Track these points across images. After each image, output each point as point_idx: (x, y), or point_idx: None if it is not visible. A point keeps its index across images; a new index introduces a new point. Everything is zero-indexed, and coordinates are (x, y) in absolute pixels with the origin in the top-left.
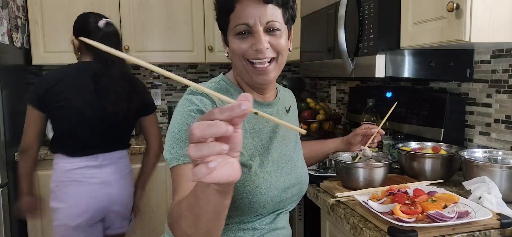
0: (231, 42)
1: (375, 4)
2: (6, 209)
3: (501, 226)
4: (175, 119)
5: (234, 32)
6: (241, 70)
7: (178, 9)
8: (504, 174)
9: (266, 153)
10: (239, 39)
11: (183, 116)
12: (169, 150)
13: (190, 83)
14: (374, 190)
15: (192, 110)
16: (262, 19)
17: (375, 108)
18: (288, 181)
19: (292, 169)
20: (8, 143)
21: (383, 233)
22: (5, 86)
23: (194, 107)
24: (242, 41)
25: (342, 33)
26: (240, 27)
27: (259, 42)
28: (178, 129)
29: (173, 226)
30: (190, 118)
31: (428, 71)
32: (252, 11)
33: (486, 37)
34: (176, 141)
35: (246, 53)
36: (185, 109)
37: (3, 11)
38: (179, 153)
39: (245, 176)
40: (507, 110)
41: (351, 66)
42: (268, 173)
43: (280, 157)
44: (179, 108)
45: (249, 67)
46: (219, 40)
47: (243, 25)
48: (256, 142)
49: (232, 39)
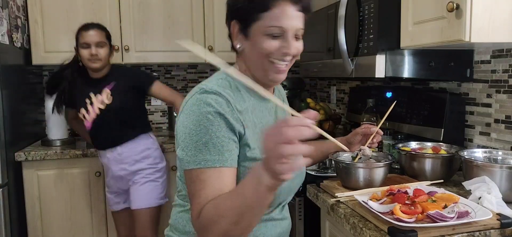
0: (258, 39)
1: (375, 4)
2: (6, 209)
3: (501, 226)
4: (190, 120)
5: (265, 31)
6: (257, 66)
7: (178, 9)
8: (504, 174)
9: None
10: (269, 39)
11: (201, 119)
12: (186, 151)
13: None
14: (374, 190)
15: (210, 112)
16: (294, 26)
17: (375, 108)
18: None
19: None
20: (8, 143)
21: (383, 233)
22: (5, 86)
23: (211, 109)
24: (272, 41)
25: (342, 33)
26: (273, 29)
27: (289, 47)
28: (196, 132)
29: (207, 227)
30: (208, 121)
31: (428, 71)
32: (288, 17)
33: (486, 37)
34: (194, 143)
35: (272, 54)
36: (202, 111)
37: (3, 11)
38: (200, 157)
39: None
40: (507, 110)
41: (351, 66)
42: None
43: None
44: (193, 108)
45: (269, 65)
46: (219, 40)
47: (277, 28)
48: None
49: (260, 36)
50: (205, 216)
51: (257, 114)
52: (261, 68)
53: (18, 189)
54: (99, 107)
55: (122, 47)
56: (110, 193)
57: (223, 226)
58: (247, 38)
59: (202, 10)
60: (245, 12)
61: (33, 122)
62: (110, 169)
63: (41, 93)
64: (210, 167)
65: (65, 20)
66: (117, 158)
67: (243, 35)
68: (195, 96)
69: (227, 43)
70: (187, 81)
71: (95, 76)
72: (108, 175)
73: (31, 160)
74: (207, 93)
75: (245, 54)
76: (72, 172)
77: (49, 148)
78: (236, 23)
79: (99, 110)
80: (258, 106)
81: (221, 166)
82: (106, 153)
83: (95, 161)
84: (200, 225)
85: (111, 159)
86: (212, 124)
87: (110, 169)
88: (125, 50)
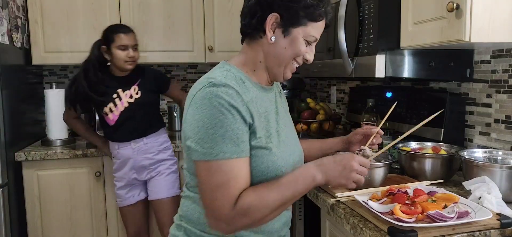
0: (297, 41)
1: (375, 4)
2: (6, 209)
3: (501, 226)
4: (203, 113)
5: (305, 37)
6: (280, 61)
7: (178, 9)
8: (504, 174)
9: (277, 133)
10: (305, 44)
11: (214, 112)
12: (201, 144)
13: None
14: (374, 190)
15: (223, 105)
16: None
17: (375, 108)
18: (295, 158)
19: (296, 147)
20: (8, 143)
21: (383, 233)
22: (5, 86)
23: (224, 101)
24: (304, 47)
25: (342, 33)
26: (311, 38)
27: (312, 54)
28: (212, 125)
29: (246, 214)
30: (222, 114)
31: (428, 71)
32: (321, 31)
33: (486, 37)
34: (210, 136)
35: (298, 57)
36: (214, 104)
37: (3, 11)
38: (218, 149)
39: (267, 158)
40: (507, 110)
41: (351, 66)
42: (283, 151)
43: (286, 136)
44: (204, 101)
45: (289, 65)
46: (219, 40)
47: (314, 37)
48: (269, 124)
49: (300, 39)
50: (246, 205)
51: (260, 104)
52: (284, 64)
53: (18, 189)
54: (128, 101)
55: None
56: (122, 188)
57: (264, 212)
58: (286, 35)
59: (202, 10)
60: (296, 15)
61: (33, 122)
62: (132, 159)
63: (41, 93)
64: (229, 159)
65: (65, 20)
66: (142, 148)
67: (281, 31)
68: (204, 89)
69: (227, 43)
70: (187, 81)
71: (120, 74)
72: (124, 168)
73: (31, 160)
74: (216, 86)
75: (273, 48)
76: (72, 172)
77: (49, 148)
78: (278, 16)
79: (128, 104)
80: (260, 96)
81: (238, 157)
82: (130, 144)
83: (95, 161)
84: (236, 213)
85: (135, 149)
86: (226, 117)
87: (131, 159)
88: None
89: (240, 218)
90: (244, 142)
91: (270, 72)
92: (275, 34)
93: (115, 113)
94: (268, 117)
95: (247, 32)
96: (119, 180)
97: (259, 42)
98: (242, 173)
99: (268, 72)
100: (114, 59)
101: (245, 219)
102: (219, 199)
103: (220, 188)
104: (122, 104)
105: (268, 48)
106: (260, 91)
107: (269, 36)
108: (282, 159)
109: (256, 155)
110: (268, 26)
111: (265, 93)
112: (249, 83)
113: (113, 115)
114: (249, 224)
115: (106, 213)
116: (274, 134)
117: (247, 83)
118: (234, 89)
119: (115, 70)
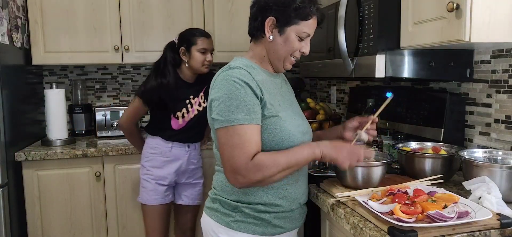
0: (291, 38)
1: (375, 4)
2: (6, 209)
3: (501, 226)
4: (222, 90)
5: (298, 34)
6: (279, 56)
7: (178, 9)
8: (504, 174)
9: (286, 106)
10: (299, 40)
11: (231, 88)
12: (221, 113)
13: None
14: (374, 190)
15: (237, 82)
16: (312, 34)
17: (375, 108)
18: (303, 127)
19: (303, 120)
20: (8, 143)
21: (383, 233)
22: (5, 86)
23: (238, 79)
24: (299, 43)
25: (342, 33)
26: (304, 34)
27: (307, 48)
28: (229, 98)
29: (260, 168)
30: (236, 89)
31: (428, 71)
32: (313, 28)
33: (486, 37)
34: (227, 107)
35: (296, 52)
36: (230, 82)
37: (3, 11)
38: (233, 117)
39: (280, 124)
40: (507, 110)
41: (351, 66)
42: (292, 119)
43: (294, 112)
44: (223, 82)
45: (287, 58)
46: (219, 40)
47: (306, 34)
48: (279, 99)
49: (294, 37)
50: (261, 161)
51: (269, 85)
52: (282, 58)
53: (18, 189)
54: (197, 109)
55: (122, 47)
56: (163, 185)
57: (273, 171)
58: (281, 34)
59: (202, 10)
60: (288, 16)
61: (33, 122)
62: (181, 161)
63: (41, 93)
64: (243, 124)
65: (65, 20)
66: (193, 153)
67: (277, 31)
68: (223, 73)
69: (227, 43)
70: None
71: (190, 79)
72: (169, 167)
73: (31, 160)
74: (232, 69)
75: (272, 45)
76: (72, 172)
77: (49, 148)
78: (273, 19)
79: (197, 111)
80: (269, 80)
81: (250, 123)
82: (185, 146)
83: (95, 161)
84: (252, 166)
85: (190, 151)
86: (240, 91)
87: (180, 161)
88: (125, 50)
89: (254, 172)
90: (255, 112)
91: (273, 64)
92: (273, 33)
93: (185, 118)
94: (276, 95)
95: (253, 33)
96: (159, 179)
97: (262, 41)
98: (254, 138)
99: (271, 64)
100: (192, 61)
101: (258, 173)
102: (237, 155)
103: (237, 147)
104: (193, 111)
105: (268, 45)
106: (268, 75)
107: (268, 35)
108: (292, 125)
109: (270, 123)
110: (266, 27)
111: (272, 78)
112: (258, 69)
113: (183, 120)
114: (261, 179)
115: (106, 213)
116: (284, 107)
117: (257, 69)
118: (246, 70)
119: (186, 74)
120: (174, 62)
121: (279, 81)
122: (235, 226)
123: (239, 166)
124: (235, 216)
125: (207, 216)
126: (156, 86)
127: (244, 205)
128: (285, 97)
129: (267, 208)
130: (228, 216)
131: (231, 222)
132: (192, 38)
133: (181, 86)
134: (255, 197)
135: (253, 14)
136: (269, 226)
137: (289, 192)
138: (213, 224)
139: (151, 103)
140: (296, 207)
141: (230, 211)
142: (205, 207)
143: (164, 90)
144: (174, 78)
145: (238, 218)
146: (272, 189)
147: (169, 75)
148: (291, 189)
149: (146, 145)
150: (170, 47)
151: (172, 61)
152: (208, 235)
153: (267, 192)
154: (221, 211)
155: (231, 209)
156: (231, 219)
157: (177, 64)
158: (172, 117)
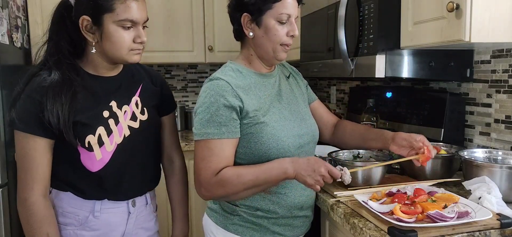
0: (271, 26)
1: (375, 4)
2: (6, 209)
3: (501, 226)
4: (199, 103)
5: (277, 18)
6: (268, 49)
7: (178, 9)
8: (504, 174)
9: (278, 110)
10: (280, 25)
11: (205, 101)
12: (195, 126)
13: None
14: (374, 190)
15: (212, 95)
16: (295, 13)
17: (375, 108)
18: (301, 129)
19: (303, 121)
20: (8, 143)
21: (383, 233)
22: (5, 86)
23: (213, 92)
24: (282, 27)
25: (342, 33)
26: (283, 16)
27: (294, 29)
28: (202, 111)
29: (223, 184)
30: (210, 102)
31: (428, 71)
32: (292, 6)
33: (486, 37)
34: (200, 120)
35: (283, 38)
36: (206, 94)
37: (3, 11)
38: (203, 131)
39: (266, 131)
40: (507, 110)
41: (351, 66)
42: (283, 124)
43: (291, 113)
44: (202, 94)
45: (279, 47)
46: (219, 40)
47: (286, 15)
48: (270, 101)
49: (273, 23)
50: (224, 177)
51: (259, 88)
52: (271, 49)
53: None
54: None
55: None
56: None
57: (238, 188)
58: (260, 26)
59: (202, 10)
60: (259, 4)
61: None
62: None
63: None
64: (212, 139)
65: None
66: (143, 214)
67: (255, 24)
68: (206, 84)
69: (227, 43)
70: (187, 81)
71: (107, 72)
72: None
73: None
74: (212, 81)
75: (256, 40)
76: None
77: None
78: (247, 15)
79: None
80: (259, 82)
81: (219, 138)
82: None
83: None
84: (216, 181)
85: (136, 213)
86: (212, 105)
87: (117, 232)
88: None
89: (217, 187)
90: (226, 126)
91: (264, 60)
92: (252, 29)
93: (108, 147)
94: (267, 98)
95: (237, 36)
96: None
97: (246, 40)
98: (223, 153)
99: (262, 60)
100: (107, 42)
101: (220, 189)
102: (202, 168)
103: (203, 161)
104: (121, 130)
105: (253, 42)
106: (258, 77)
107: (247, 32)
108: (281, 130)
109: (256, 131)
110: (244, 26)
111: (264, 79)
112: (246, 72)
113: (106, 151)
114: (224, 195)
115: None
116: (273, 111)
117: (244, 72)
118: (224, 80)
119: (98, 64)
120: (71, 44)
121: (273, 80)
122: (233, 229)
123: (202, 180)
124: (233, 219)
125: (207, 217)
126: (33, 94)
127: (242, 209)
128: (283, 96)
129: (264, 214)
130: (227, 219)
131: (229, 224)
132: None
133: (89, 85)
134: (252, 201)
135: (231, 17)
136: (268, 232)
137: (287, 200)
138: (212, 225)
139: (46, 130)
140: (296, 216)
141: (229, 213)
142: (207, 207)
143: (50, 99)
144: (71, 72)
145: (236, 221)
146: (269, 195)
147: (59, 68)
148: (289, 196)
149: (55, 206)
150: (60, 15)
151: (68, 43)
152: (207, 235)
153: (264, 197)
154: (220, 213)
155: (230, 212)
156: (229, 222)
157: (78, 48)
158: (79, 149)
